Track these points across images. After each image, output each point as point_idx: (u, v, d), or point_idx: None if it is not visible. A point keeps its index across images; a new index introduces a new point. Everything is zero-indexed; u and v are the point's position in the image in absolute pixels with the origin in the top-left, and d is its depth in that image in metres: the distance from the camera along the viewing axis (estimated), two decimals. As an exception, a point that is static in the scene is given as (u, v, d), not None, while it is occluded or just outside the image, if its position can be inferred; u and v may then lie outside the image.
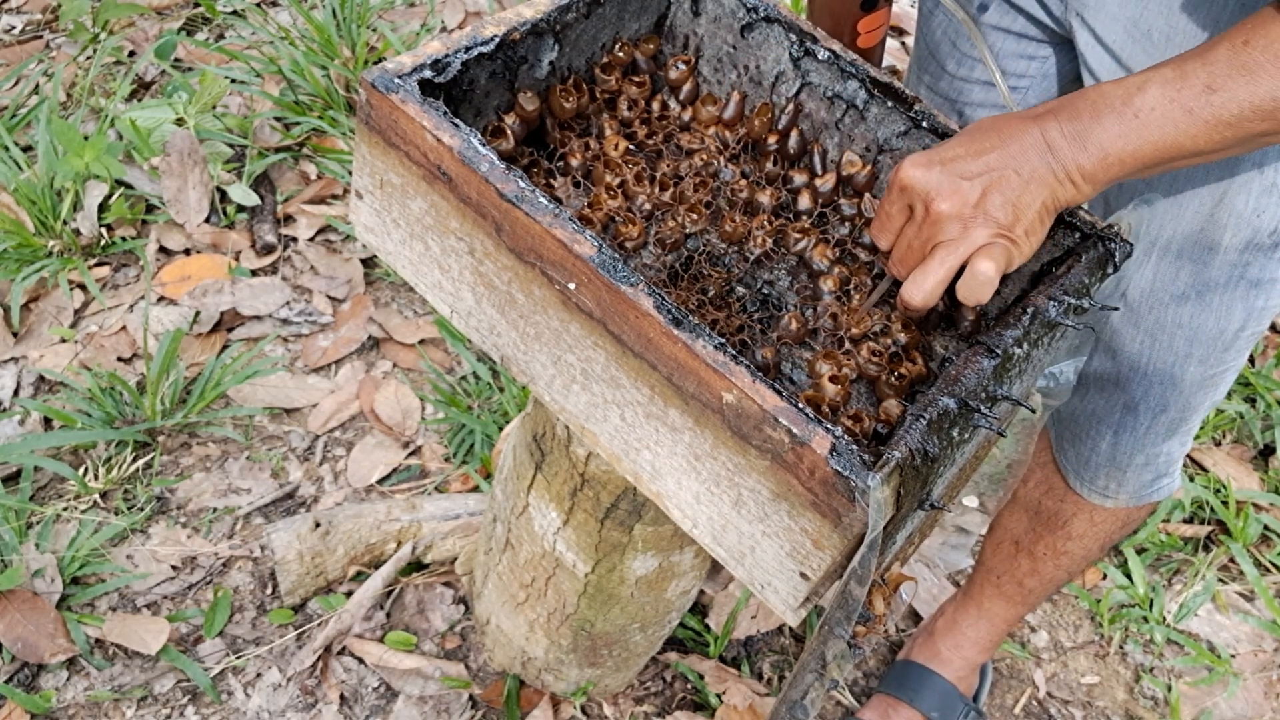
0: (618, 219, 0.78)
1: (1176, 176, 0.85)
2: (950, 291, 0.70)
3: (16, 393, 1.58)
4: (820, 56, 0.81)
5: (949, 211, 0.67)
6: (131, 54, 2.13)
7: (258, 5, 2.23)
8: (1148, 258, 0.90)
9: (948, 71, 1.04)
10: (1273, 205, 0.82)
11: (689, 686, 1.40)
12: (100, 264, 1.76)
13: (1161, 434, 1.02)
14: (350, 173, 1.89)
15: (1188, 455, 1.75)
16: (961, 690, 1.38)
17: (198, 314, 1.67)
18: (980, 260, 0.67)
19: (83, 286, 1.71)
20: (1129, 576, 1.60)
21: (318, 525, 1.38)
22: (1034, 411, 0.70)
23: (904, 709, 1.36)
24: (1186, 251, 0.88)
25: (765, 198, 0.82)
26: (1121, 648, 1.55)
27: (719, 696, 1.37)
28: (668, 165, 0.84)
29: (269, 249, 1.80)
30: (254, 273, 1.77)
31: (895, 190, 0.70)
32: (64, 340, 1.65)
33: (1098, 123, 0.67)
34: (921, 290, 0.69)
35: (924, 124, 0.79)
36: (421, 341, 1.72)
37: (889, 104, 0.80)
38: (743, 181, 0.84)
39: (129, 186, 1.83)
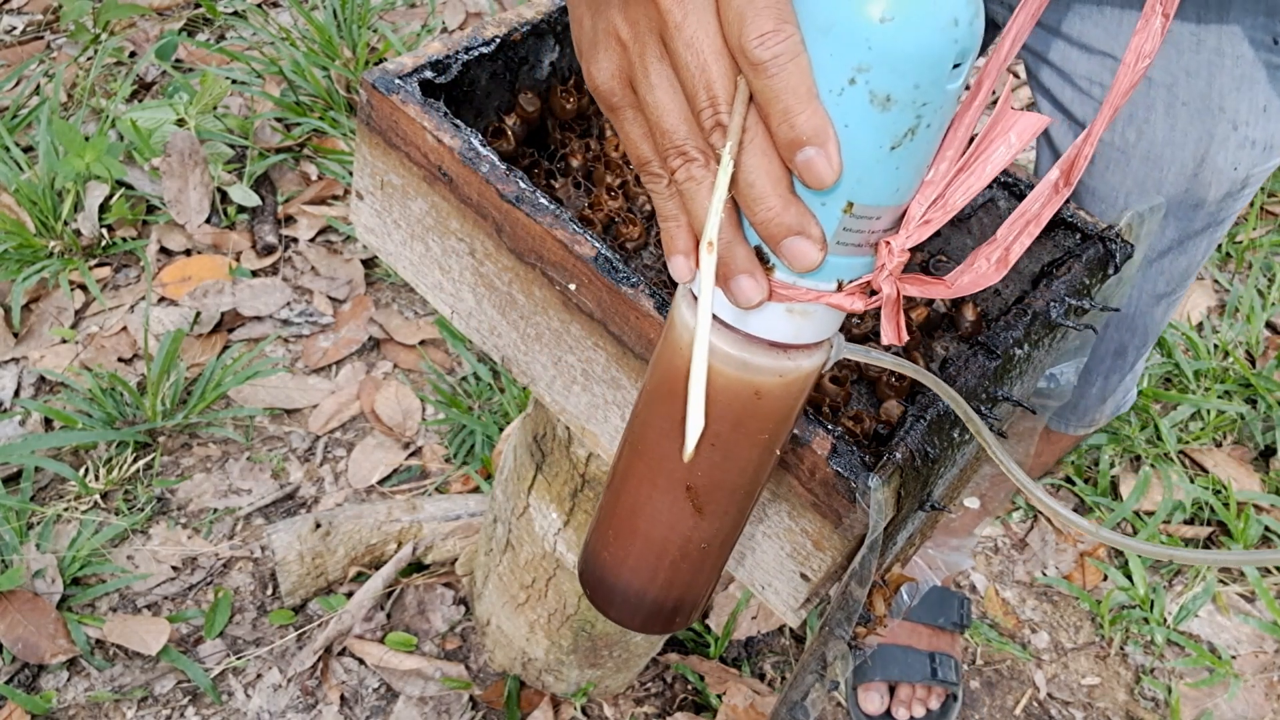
0: (619, 220, 0.78)
1: (1154, 142, 0.87)
2: None
3: (17, 393, 1.58)
4: (821, 57, 0.81)
5: None
6: (132, 55, 2.13)
7: (259, 6, 2.23)
8: None
9: None
10: (1244, 156, 0.86)
11: (690, 687, 1.40)
12: (101, 264, 1.76)
13: (1141, 361, 1.11)
14: (351, 173, 1.89)
15: (1188, 456, 1.75)
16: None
17: (198, 315, 1.67)
18: None
19: (83, 287, 1.71)
20: (1129, 577, 1.60)
21: (318, 526, 1.38)
22: (1034, 413, 0.70)
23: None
24: (1172, 211, 0.91)
25: (766, 199, 0.82)
26: (1122, 649, 1.55)
27: (719, 697, 1.37)
28: (668, 166, 0.83)
29: (270, 250, 1.80)
30: (255, 273, 1.77)
31: None
32: (65, 341, 1.65)
33: None
34: None
35: (925, 125, 0.79)
36: (422, 342, 1.72)
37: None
38: (743, 182, 0.83)
39: (130, 187, 1.83)
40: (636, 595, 0.58)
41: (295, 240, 1.83)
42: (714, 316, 0.46)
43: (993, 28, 0.99)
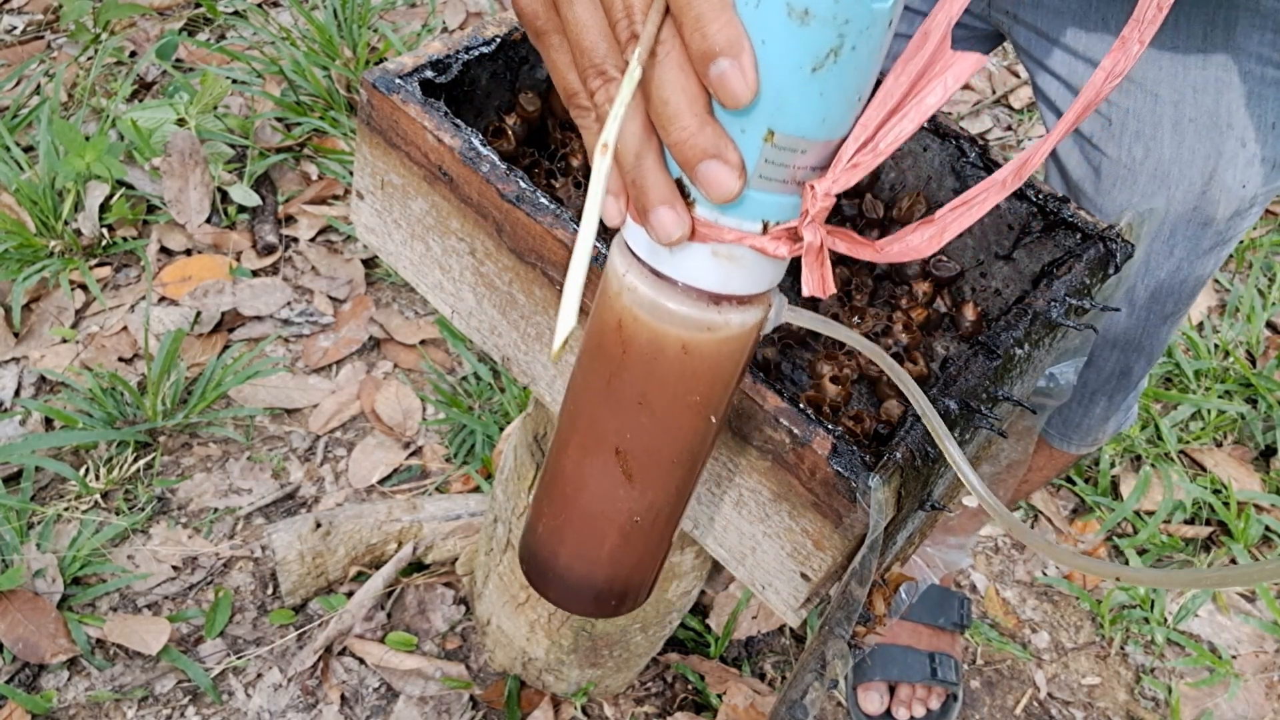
0: (618, 219, 0.78)
1: (1161, 159, 0.86)
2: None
3: (18, 393, 1.58)
4: (821, 57, 0.81)
5: None
6: (133, 54, 2.13)
7: (259, 6, 2.23)
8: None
9: None
10: (1253, 174, 0.86)
11: (690, 687, 1.40)
12: (101, 264, 1.76)
13: (1145, 379, 1.11)
14: (351, 173, 1.89)
15: (1188, 456, 1.75)
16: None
17: (199, 314, 1.67)
18: None
19: (84, 287, 1.72)
20: (1130, 577, 1.60)
21: (318, 526, 1.38)
22: (1034, 412, 0.70)
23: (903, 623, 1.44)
24: (1180, 229, 0.90)
25: (766, 198, 0.82)
26: (1122, 649, 1.55)
27: (720, 697, 1.37)
28: (668, 166, 0.83)
29: (270, 249, 1.81)
30: (255, 273, 1.77)
31: None
32: (65, 340, 1.65)
33: None
34: None
35: (925, 124, 0.79)
36: (422, 342, 1.72)
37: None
38: (743, 182, 0.83)
39: (130, 187, 1.83)
40: (572, 574, 0.55)
41: (295, 240, 1.83)
42: (637, 258, 0.44)
43: (996, 38, 0.99)
